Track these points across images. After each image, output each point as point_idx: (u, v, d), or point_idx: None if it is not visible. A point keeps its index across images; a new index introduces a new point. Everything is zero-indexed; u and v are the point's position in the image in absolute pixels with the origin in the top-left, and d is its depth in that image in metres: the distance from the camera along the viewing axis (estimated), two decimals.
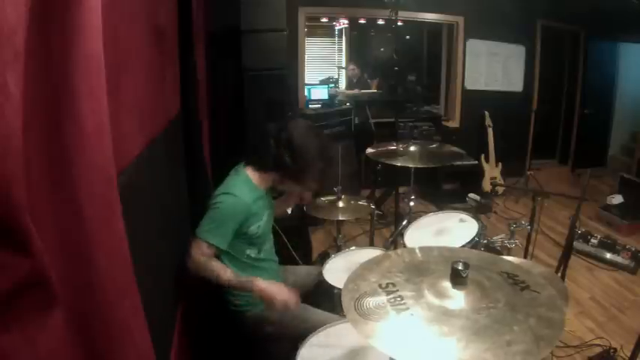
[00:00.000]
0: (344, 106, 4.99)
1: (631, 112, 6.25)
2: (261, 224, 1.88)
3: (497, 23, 5.19)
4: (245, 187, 1.83)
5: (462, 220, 2.40)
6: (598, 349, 2.54)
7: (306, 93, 4.84)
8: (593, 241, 3.65)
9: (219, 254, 1.80)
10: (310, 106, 4.78)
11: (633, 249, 3.53)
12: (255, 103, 3.23)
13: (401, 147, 2.71)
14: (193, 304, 1.99)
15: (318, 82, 5.61)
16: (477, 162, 5.07)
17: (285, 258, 2.28)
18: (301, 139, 1.82)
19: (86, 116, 0.73)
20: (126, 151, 1.10)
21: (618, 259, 3.52)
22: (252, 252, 1.90)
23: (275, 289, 1.73)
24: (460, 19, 5.13)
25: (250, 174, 1.88)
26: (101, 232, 0.77)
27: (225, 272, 1.75)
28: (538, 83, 5.65)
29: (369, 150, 2.75)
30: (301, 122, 1.95)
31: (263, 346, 1.90)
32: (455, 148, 2.82)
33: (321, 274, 2.09)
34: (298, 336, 1.66)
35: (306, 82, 4.94)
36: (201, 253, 1.73)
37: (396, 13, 3.29)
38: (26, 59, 0.54)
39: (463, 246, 2.10)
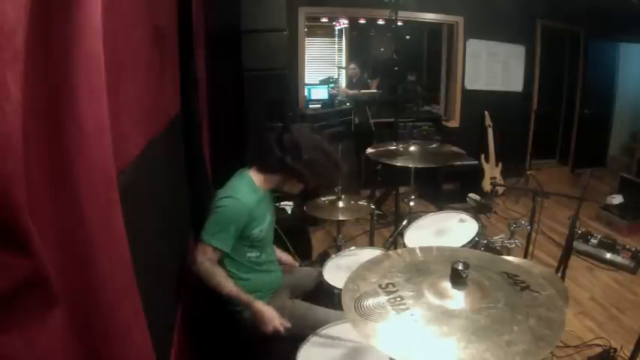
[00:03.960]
0: (344, 106, 4.98)
1: (631, 112, 6.25)
2: (264, 228, 1.89)
3: (497, 23, 5.18)
4: (247, 189, 1.84)
5: (462, 220, 2.40)
6: (598, 349, 2.54)
7: (306, 93, 4.84)
8: (593, 241, 3.65)
9: (222, 257, 1.81)
10: (310, 106, 4.77)
11: (633, 249, 3.52)
12: (255, 103, 3.23)
13: (401, 147, 2.71)
14: (193, 304, 1.99)
15: (318, 82, 5.60)
16: (477, 162, 5.07)
17: None
18: (305, 140, 1.83)
19: (86, 116, 0.73)
20: (126, 151, 1.10)
21: (618, 259, 3.52)
22: (252, 255, 1.91)
23: (269, 314, 1.76)
24: (460, 19, 5.13)
25: (253, 176, 1.89)
26: (101, 232, 0.77)
27: (228, 285, 1.77)
28: (538, 83, 5.65)
29: (369, 150, 2.75)
30: (304, 125, 1.98)
31: (263, 346, 1.90)
32: (455, 148, 2.82)
33: (321, 274, 2.09)
34: (299, 334, 1.67)
35: (306, 82, 4.94)
36: (207, 258, 1.74)
37: (396, 13, 3.29)
38: (26, 59, 0.54)
39: (463, 246, 2.10)
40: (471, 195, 3.37)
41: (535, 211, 2.47)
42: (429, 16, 5.06)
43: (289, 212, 3.20)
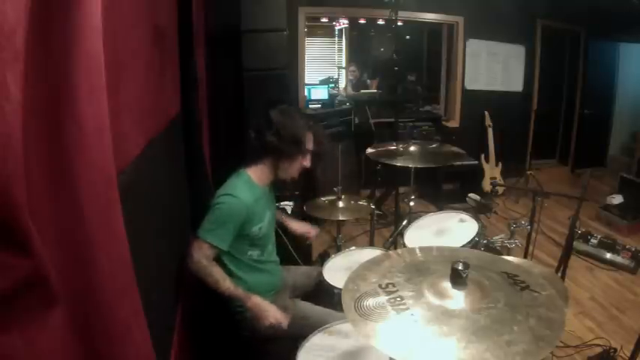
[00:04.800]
0: (344, 106, 4.99)
1: (631, 112, 6.24)
2: (263, 225, 1.89)
3: (497, 23, 5.18)
4: (246, 187, 1.84)
5: (462, 220, 2.40)
6: (598, 349, 2.54)
7: (306, 93, 4.84)
8: (593, 241, 3.65)
9: (220, 255, 1.80)
10: (310, 106, 4.77)
11: (633, 249, 3.52)
12: (255, 103, 3.23)
13: (401, 147, 2.71)
14: (193, 304, 1.99)
15: (318, 82, 5.60)
16: (477, 162, 5.07)
17: (285, 258, 2.28)
18: (279, 116, 1.83)
19: (86, 116, 0.73)
20: (126, 151, 1.10)
21: (618, 259, 3.52)
22: (254, 253, 1.90)
23: (268, 308, 1.76)
24: (460, 19, 5.13)
25: (251, 173, 1.89)
26: (101, 232, 0.77)
27: (225, 281, 1.76)
28: (538, 83, 5.65)
29: (369, 150, 2.75)
30: (277, 105, 1.96)
31: (263, 346, 1.90)
32: (455, 148, 2.82)
33: (321, 274, 2.09)
34: (299, 334, 1.67)
35: (306, 82, 4.94)
36: (203, 254, 1.74)
37: (396, 13, 3.29)
38: (26, 59, 0.54)
39: (463, 246, 2.10)
40: (471, 195, 3.37)
41: (535, 211, 2.47)
42: (429, 16, 5.06)
43: (289, 212, 3.20)
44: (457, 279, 1.07)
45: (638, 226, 4.21)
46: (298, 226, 2.26)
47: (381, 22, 5.91)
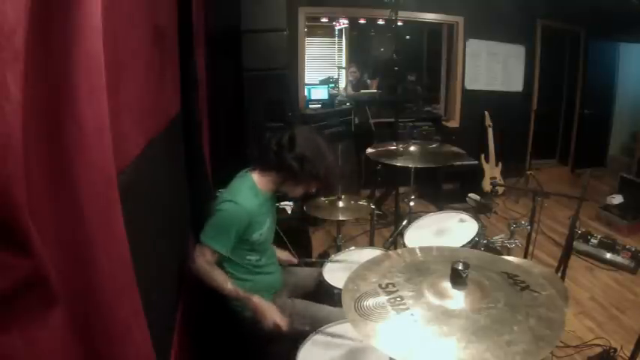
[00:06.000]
0: (344, 106, 4.99)
1: (631, 112, 6.24)
2: (264, 231, 1.88)
3: (497, 23, 5.18)
4: (249, 192, 1.83)
5: (462, 220, 2.40)
6: (598, 349, 2.54)
7: (306, 93, 4.84)
8: (593, 241, 3.65)
9: (221, 259, 1.81)
10: (310, 106, 4.77)
11: (633, 249, 3.52)
12: (255, 103, 3.24)
13: (401, 147, 2.71)
14: (193, 304, 1.99)
15: (318, 82, 5.60)
16: (477, 162, 5.07)
17: None
18: (301, 137, 1.83)
19: (86, 116, 0.73)
20: (126, 151, 1.10)
21: (618, 259, 3.52)
22: (253, 258, 1.90)
23: (269, 310, 1.77)
24: (460, 19, 5.13)
25: (255, 177, 1.88)
26: (101, 232, 0.77)
27: (226, 284, 1.77)
28: (538, 83, 5.65)
29: (369, 150, 2.75)
30: (305, 127, 1.97)
31: (263, 346, 1.90)
32: (455, 148, 2.82)
33: (321, 274, 2.09)
34: (298, 332, 1.67)
35: (306, 82, 4.94)
36: (206, 259, 1.75)
37: (396, 13, 3.28)
38: (26, 59, 0.54)
39: (463, 246, 2.10)
40: (471, 195, 3.37)
41: (535, 211, 2.47)
42: (429, 16, 5.06)
43: (289, 212, 3.20)
44: (457, 279, 1.07)
45: (638, 226, 4.21)
46: (281, 254, 2.22)
47: (381, 22, 5.92)
